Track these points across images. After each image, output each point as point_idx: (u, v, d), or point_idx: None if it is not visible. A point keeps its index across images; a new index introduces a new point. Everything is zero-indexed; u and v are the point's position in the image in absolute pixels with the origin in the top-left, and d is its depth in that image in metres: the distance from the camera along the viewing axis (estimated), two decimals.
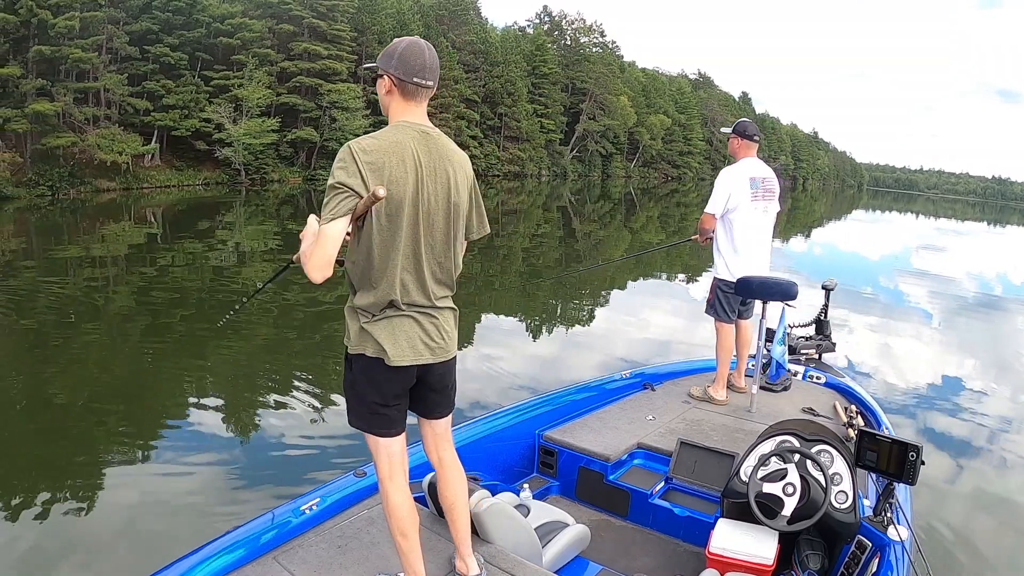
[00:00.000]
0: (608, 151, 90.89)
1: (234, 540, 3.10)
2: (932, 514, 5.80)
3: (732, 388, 5.83)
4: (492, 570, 3.08)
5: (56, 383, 8.38)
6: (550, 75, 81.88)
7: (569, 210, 43.92)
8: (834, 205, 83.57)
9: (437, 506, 3.40)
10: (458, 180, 2.67)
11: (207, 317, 12.09)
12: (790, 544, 3.57)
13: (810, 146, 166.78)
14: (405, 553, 2.78)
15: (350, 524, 3.42)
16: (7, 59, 36.37)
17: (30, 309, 12.26)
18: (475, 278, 16.16)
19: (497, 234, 27.92)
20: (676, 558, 4.03)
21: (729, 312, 5.67)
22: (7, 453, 6.41)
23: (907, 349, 12.32)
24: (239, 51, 48.66)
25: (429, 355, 2.71)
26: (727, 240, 5.62)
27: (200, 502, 5.56)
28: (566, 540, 3.71)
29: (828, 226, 48.63)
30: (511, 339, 11.15)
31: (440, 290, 2.73)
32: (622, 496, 4.43)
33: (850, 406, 5.44)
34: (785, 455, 3.56)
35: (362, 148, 2.46)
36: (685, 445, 4.55)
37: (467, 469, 4.10)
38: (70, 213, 30.76)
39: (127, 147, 39.76)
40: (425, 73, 2.57)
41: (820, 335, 6.96)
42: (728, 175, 5.60)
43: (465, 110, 69.07)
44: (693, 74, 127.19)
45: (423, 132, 2.59)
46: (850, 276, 20.36)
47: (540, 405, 5.03)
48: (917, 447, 3.28)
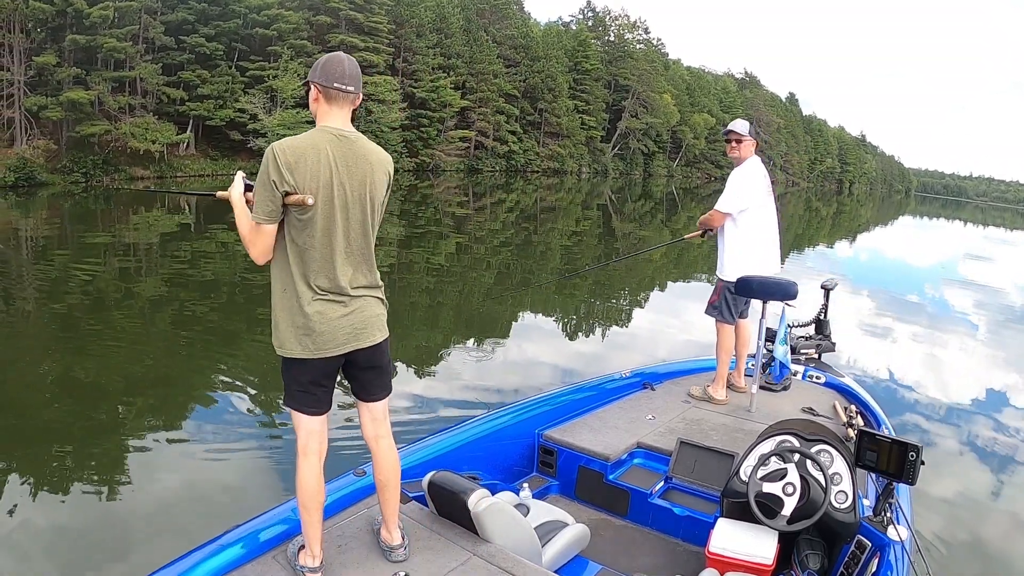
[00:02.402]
0: (650, 149, 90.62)
1: (234, 539, 3.15)
2: (932, 514, 5.79)
3: (732, 388, 5.85)
4: (492, 569, 3.12)
5: (87, 368, 8.60)
6: (592, 71, 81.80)
7: (609, 208, 43.77)
8: (880, 210, 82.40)
9: (437, 505, 3.48)
10: (375, 178, 2.96)
11: (238, 307, 12.33)
12: (790, 544, 3.58)
13: (857, 149, 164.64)
14: (305, 523, 3.02)
15: (350, 524, 3.46)
16: (43, 48, 37.25)
17: (62, 294, 12.59)
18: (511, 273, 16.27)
19: (535, 231, 27.99)
20: (676, 558, 4.05)
21: (733, 313, 5.69)
22: (38, 436, 6.59)
23: (909, 350, 12.28)
24: (275, 42, 49.31)
25: (335, 343, 2.96)
26: (742, 240, 5.61)
27: (234, 486, 5.72)
28: (566, 539, 3.74)
29: (874, 231, 48.01)
30: (511, 340, 11.19)
31: (358, 278, 2.97)
32: (622, 495, 4.46)
33: (850, 406, 5.44)
34: (785, 455, 3.58)
35: (282, 149, 2.78)
36: (685, 445, 4.58)
37: (467, 468, 4.19)
38: (103, 200, 31.48)
39: (161, 136, 40.56)
40: (344, 79, 2.88)
41: (820, 335, 6.97)
42: (745, 174, 5.59)
43: (504, 105, 69.19)
44: (739, 73, 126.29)
45: (340, 135, 2.88)
46: (879, 279, 20.29)
47: (540, 404, 5.07)
48: (917, 447, 3.28)
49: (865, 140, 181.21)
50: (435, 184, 50.57)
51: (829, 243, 33.92)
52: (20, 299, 12.32)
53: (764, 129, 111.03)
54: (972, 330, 14.78)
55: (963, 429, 8.31)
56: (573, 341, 11.51)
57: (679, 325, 12.99)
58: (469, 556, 3.20)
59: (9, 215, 25.74)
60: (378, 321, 3.05)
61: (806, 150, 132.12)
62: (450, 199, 40.40)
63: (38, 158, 35.46)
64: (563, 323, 12.98)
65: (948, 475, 6.88)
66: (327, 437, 3.15)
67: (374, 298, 3.05)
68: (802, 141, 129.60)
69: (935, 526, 5.61)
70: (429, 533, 3.35)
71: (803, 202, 73.98)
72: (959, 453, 7.59)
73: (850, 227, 48.26)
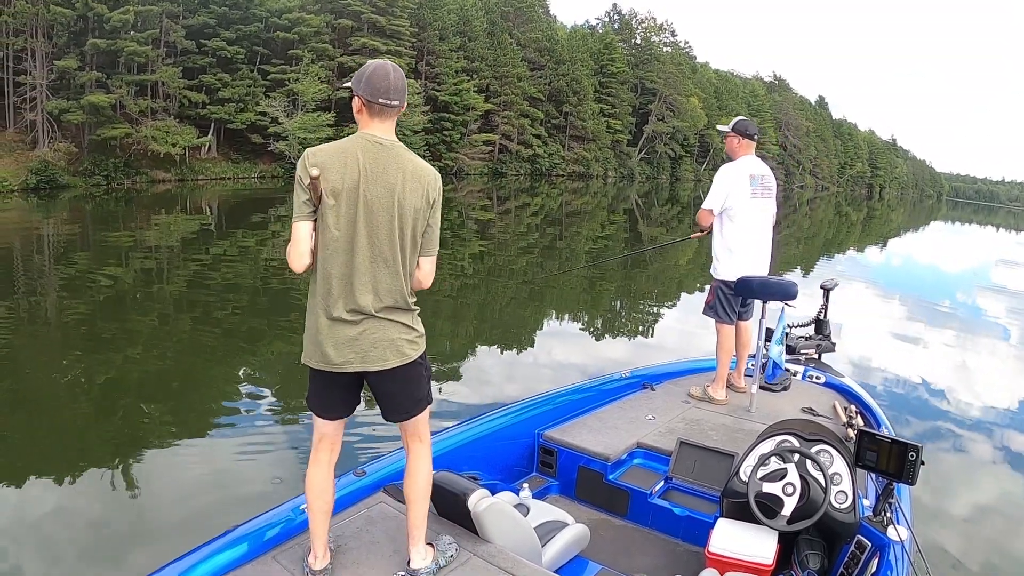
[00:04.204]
0: (677, 153, 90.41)
1: (234, 539, 3.16)
2: (932, 514, 5.80)
3: (732, 388, 5.86)
4: (492, 570, 3.14)
5: (107, 368, 8.74)
6: (618, 74, 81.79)
7: (636, 212, 43.64)
8: (911, 215, 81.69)
9: (437, 506, 3.51)
10: (407, 186, 2.89)
11: (260, 310, 12.47)
12: (790, 544, 3.59)
13: (888, 153, 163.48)
14: (310, 517, 3.08)
15: (350, 524, 3.47)
16: (65, 52, 37.86)
17: (85, 295, 12.84)
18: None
19: (559, 235, 28.00)
20: (676, 558, 4.06)
21: (730, 313, 5.69)
22: (60, 433, 6.72)
23: (910, 350, 12.24)
24: (296, 45, 49.81)
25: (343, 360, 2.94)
26: (726, 239, 5.65)
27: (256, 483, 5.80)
28: (566, 539, 3.76)
29: (905, 236, 47.59)
30: (513, 339, 11.24)
31: (382, 296, 2.91)
32: (622, 496, 4.47)
33: (850, 406, 5.44)
34: (785, 455, 3.59)
35: (311, 152, 2.85)
36: (685, 445, 4.59)
37: (467, 468, 4.20)
38: (124, 203, 31.86)
39: (181, 139, 41.12)
40: (390, 94, 2.89)
41: (820, 335, 6.98)
42: (727, 171, 5.63)
43: (528, 108, 69.28)
44: (768, 76, 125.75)
45: (376, 142, 2.88)
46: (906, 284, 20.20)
47: (540, 405, 5.09)
48: (917, 447, 3.29)
49: (896, 144, 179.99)
50: (458, 188, 50.65)
51: (860, 248, 33.71)
52: (42, 299, 12.52)
53: (793, 133, 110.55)
54: (987, 333, 14.71)
55: (963, 429, 8.32)
56: (572, 340, 11.57)
57: (680, 325, 13.12)
58: (469, 556, 3.21)
59: (31, 217, 26.16)
60: (392, 346, 2.94)
61: (836, 154, 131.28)
62: (473, 203, 40.45)
63: (60, 161, 36.07)
64: (563, 323, 13.09)
65: (948, 475, 6.89)
66: (341, 441, 3.17)
67: (394, 322, 2.94)
68: (832, 145, 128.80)
69: (935, 526, 5.62)
70: (430, 534, 3.34)
71: (833, 207, 73.50)
72: (959, 453, 7.62)
73: (881, 232, 47.87)
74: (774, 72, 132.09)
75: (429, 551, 3.15)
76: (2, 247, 18.52)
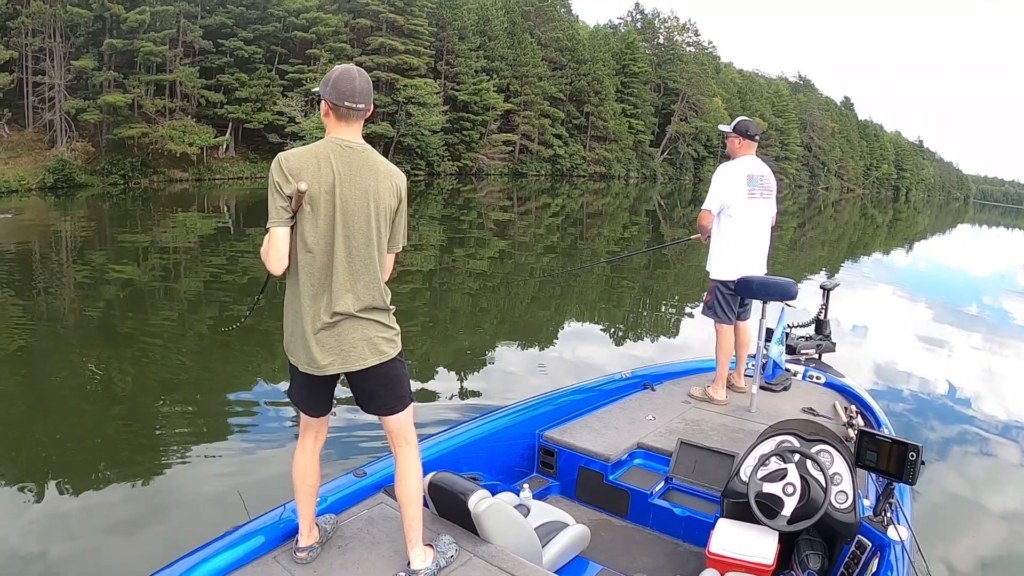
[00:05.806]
0: (700, 154, 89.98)
1: (234, 540, 3.20)
2: (932, 514, 5.79)
3: (732, 388, 5.87)
4: (492, 570, 3.16)
5: (123, 368, 8.83)
6: (640, 74, 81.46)
7: (658, 214, 43.46)
8: (938, 218, 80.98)
9: (438, 506, 3.54)
10: (380, 187, 3.02)
11: (276, 310, 12.48)
12: (790, 544, 3.59)
13: (914, 155, 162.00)
14: (296, 498, 3.26)
15: (350, 524, 3.50)
16: (82, 52, 38.33)
17: (101, 294, 13.00)
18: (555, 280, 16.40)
19: (581, 236, 28.01)
20: (676, 558, 4.07)
21: (728, 313, 5.70)
22: (76, 434, 6.80)
23: (911, 351, 12.15)
24: (314, 45, 50.12)
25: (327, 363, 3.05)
26: (724, 238, 5.67)
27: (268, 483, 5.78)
28: (566, 540, 3.78)
29: (931, 239, 47.19)
30: (513, 339, 11.25)
31: (359, 296, 3.02)
32: (622, 496, 4.49)
33: (850, 406, 5.44)
34: (785, 455, 3.59)
35: (286, 157, 2.95)
36: (685, 445, 4.60)
37: (467, 469, 4.24)
38: (141, 202, 32.18)
39: (199, 139, 41.53)
40: (355, 97, 2.99)
41: (820, 335, 6.99)
42: (725, 171, 5.65)
43: (549, 108, 69.26)
44: (793, 76, 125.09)
45: (346, 146, 2.99)
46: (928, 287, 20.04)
47: (540, 405, 5.13)
48: (917, 447, 3.31)
49: (923, 146, 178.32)
50: (478, 188, 50.73)
51: (885, 250, 33.51)
52: (59, 298, 12.66)
53: (818, 134, 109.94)
54: (1001, 336, 14.54)
55: (963, 429, 8.29)
56: (573, 340, 11.58)
57: (679, 325, 13.15)
58: (469, 557, 3.24)
59: (49, 216, 26.46)
60: (370, 344, 3.04)
61: (861, 155, 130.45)
62: (493, 203, 40.48)
63: (77, 160, 36.57)
64: (564, 322, 13.09)
65: (948, 475, 6.89)
66: (326, 430, 3.33)
67: (372, 320, 3.05)
68: (857, 146, 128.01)
69: (935, 526, 5.60)
70: (429, 534, 3.38)
71: (858, 209, 73.00)
72: (959, 453, 7.59)
73: (907, 235, 47.46)
74: (799, 72, 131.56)
75: (429, 552, 3.18)
76: (21, 245, 18.76)
